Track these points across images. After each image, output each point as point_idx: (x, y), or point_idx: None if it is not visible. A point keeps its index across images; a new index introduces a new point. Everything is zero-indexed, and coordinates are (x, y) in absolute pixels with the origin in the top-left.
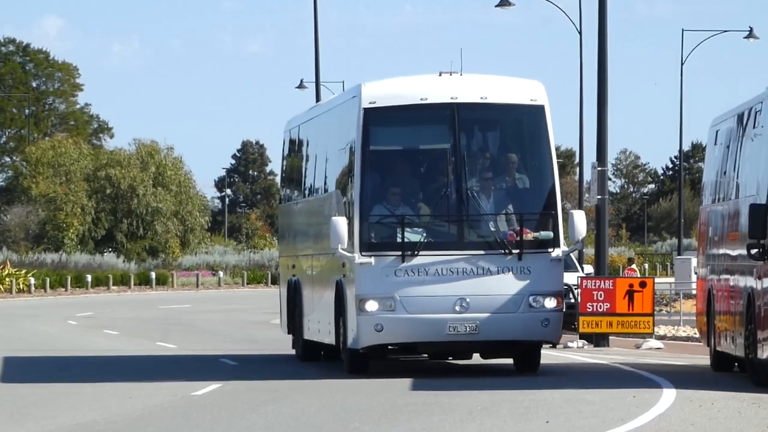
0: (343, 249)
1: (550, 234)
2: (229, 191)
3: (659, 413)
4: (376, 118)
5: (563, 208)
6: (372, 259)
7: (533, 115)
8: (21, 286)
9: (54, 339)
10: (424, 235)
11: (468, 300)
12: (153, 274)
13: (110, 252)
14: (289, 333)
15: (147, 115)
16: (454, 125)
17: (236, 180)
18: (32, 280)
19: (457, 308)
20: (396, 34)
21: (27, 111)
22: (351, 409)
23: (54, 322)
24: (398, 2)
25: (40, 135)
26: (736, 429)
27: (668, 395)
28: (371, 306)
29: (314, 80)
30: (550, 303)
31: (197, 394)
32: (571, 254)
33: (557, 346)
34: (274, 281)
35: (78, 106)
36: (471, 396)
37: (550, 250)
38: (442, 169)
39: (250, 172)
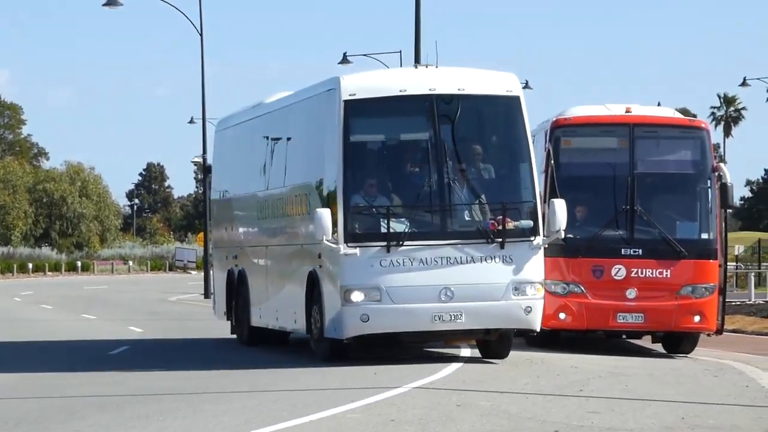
0: (327, 240)
1: (530, 222)
2: (136, 200)
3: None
4: (356, 110)
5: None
6: (357, 250)
7: (510, 106)
8: None
9: (4, 310)
10: (408, 225)
11: (452, 289)
12: (79, 263)
13: (46, 246)
14: (228, 319)
15: (75, 142)
16: (434, 116)
17: (142, 192)
18: None
19: (442, 297)
20: (265, 84)
21: None
22: (228, 359)
23: (4, 298)
24: (266, 60)
25: None
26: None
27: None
28: (357, 296)
29: (201, 117)
30: (532, 290)
31: (113, 353)
32: None
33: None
34: (171, 268)
35: (22, 136)
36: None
37: (531, 238)
38: (423, 160)
39: (153, 186)
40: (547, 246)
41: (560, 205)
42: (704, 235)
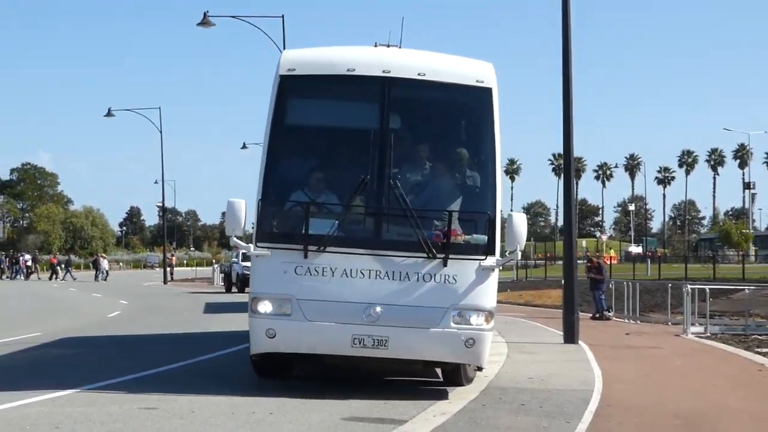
0: (237, 237)
1: (484, 238)
2: (124, 227)
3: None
4: (293, 88)
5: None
6: (269, 252)
7: (478, 99)
8: None
9: (54, 295)
10: (334, 228)
11: (378, 309)
12: (91, 264)
13: (72, 255)
14: None
15: (89, 193)
16: (384, 103)
17: (128, 222)
18: None
19: (365, 318)
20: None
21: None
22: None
23: (48, 288)
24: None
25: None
26: None
27: None
28: (264, 307)
29: (161, 179)
30: (477, 319)
31: (110, 316)
32: None
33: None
34: (144, 267)
35: (58, 191)
36: None
37: (482, 257)
38: (363, 153)
39: (134, 219)
40: (501, 268)
41: (520, 220)
42: None
